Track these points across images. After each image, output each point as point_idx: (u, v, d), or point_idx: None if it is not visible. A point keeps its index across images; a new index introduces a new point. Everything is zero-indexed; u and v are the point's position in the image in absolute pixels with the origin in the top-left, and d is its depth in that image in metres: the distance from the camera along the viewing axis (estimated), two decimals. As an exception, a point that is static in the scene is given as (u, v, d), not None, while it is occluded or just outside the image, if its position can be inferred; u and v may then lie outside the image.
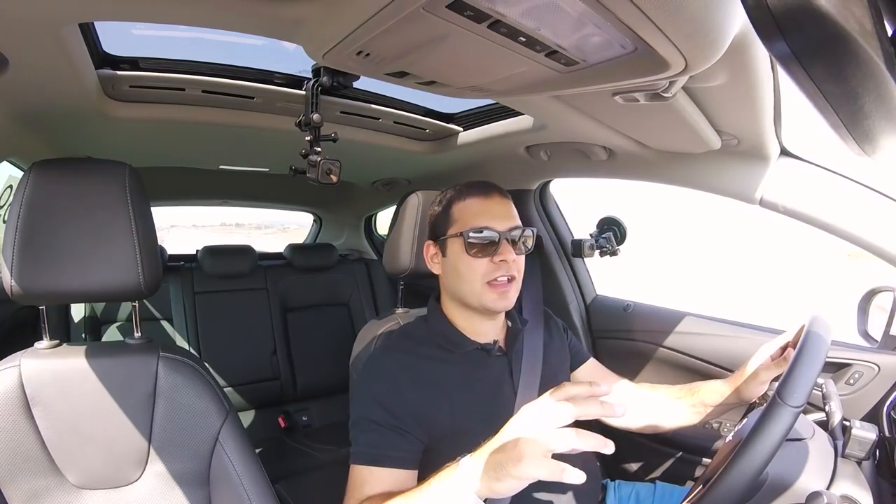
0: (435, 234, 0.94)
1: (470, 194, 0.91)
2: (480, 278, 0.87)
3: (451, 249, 0.90)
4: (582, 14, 0.53)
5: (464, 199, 0.91)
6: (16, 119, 1.04)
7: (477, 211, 0.89)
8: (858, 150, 0.44)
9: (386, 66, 0.73)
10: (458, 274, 0.89)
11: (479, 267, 0.87)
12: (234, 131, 1.29)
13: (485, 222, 0.87)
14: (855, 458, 0.79)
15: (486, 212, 0.89)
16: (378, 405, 0.84)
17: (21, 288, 0.75)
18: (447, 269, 0.92)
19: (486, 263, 0.87)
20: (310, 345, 2.28)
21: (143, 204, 0.83)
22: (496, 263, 0.86)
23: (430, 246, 0.96)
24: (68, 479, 0.80)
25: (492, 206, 0.90)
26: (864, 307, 1.15)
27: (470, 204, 0.90)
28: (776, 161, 1.10)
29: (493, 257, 0.86)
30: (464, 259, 0.88)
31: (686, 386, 1.03)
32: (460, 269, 0.89)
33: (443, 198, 0.95)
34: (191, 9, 0.66)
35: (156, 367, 0.85)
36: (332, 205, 2.67)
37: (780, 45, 0.29)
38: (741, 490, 0.62)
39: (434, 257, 0.95)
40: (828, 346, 0.74)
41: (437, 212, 0.95)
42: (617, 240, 1.44)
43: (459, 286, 0.90)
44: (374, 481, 0.80)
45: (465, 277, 0.88)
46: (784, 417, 0.63)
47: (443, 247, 0.92)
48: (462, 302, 0.92)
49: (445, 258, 0.92)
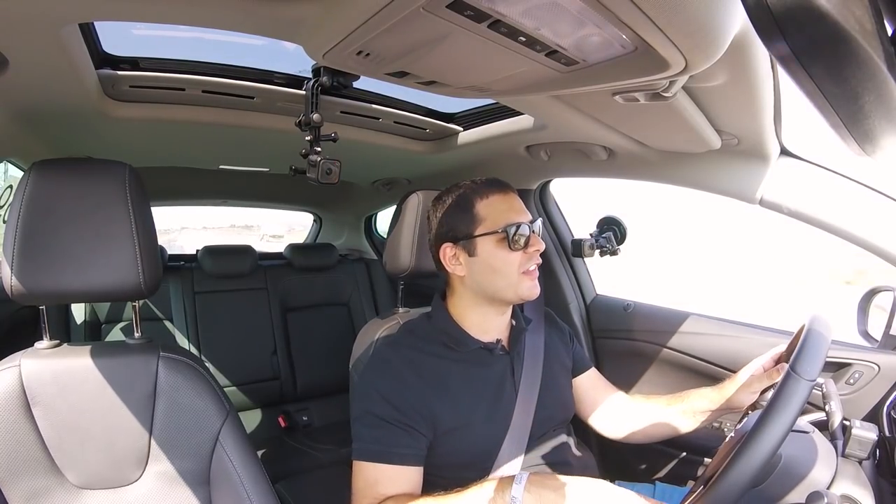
0: (456, 237, 0.91)
1: (491, 192, 0.91)
2: (516, 271, 0.89)
3: (484, 248, 0.89)
4: (582, 14, 0.53)
5: (487, 198, 0.91)
6: (16, 119, 1.04)
7: (504, 207, 0.90)
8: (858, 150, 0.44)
9: (386, 66, 0.73)
10: (493, 270, 0.89)
11: (515, 259, 0.89)
12: (234, 131, 1.29)
13: (515, 218, 0.89)
14: (855, 458, 0.78)
15: (511, 207, 0.91)
16: (383, 400, 0.85)
17: (21, 288, 0.75)
18: (477, 267, 0.90)
19: (519, 256, 0.89)
20: (310, 345, 2.28)
21: (143, 204, 0.83)
22: (529, 254, 0.89)
23: (447, 248, 0.92)
24: (68, 479, 0.80)
25: (513, 201, 0.92)
26: (864, 307, 1.15)
27: (495, 202, 0.91)
28: (776, 161, 1.10)
29: (527, 249, 0.89)
30: (500, 255, 0.88)
31: (677, 394, 1.05)
32: (496, 265, 0.89)
33: (458, 198, 0.92)
34: (191, 9, 0.66)
35: (156, 367, 0.85)
36: (332, 205, 2.67)
37: (780, 45, 0.29)
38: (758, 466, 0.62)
39: (453, 259, 0.92)
40: (831, 336, 0.74)
41: (453, 213, 0.92)
42: (617, 239, 1.44)
43: (495, 282, 0.90)
44: (385, 480, 0.80)
45: (503, 272, 0.89)
46: (800, 390, 0.64)
47: (469, 247, 0.90)
48: (493, 297, 0.92)
49: (474, 258, 0.90)
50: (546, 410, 0.95)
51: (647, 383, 1.48)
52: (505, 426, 0.90)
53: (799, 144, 1.10)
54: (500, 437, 0.89)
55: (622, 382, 1.21)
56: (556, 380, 1.02)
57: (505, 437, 0.89)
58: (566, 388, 1.05)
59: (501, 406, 0.91)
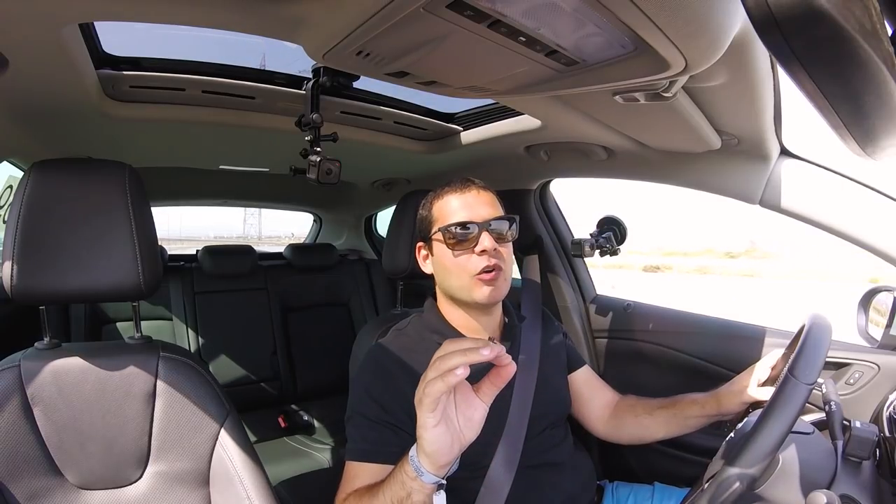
0: (422, 235, 0.96)
1: (448, 192, 0.94)
2: (467, 273, 0.88)
3: (437, 247, 0.92)
4: (582, 14, 0.53)
5: (442, 197, 0.94)
6: (16, 119, 1.04)
7: (455, 206, 0.91)
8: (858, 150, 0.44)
9: (386, 66, 0.73)
10: (445, 271, 0.91)
11: (464, 261, 0.88)
12: (234, 131, 1.29)
13: (463, 216, 0.89)
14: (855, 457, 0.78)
15: (463, 206, 0.91)
16: (371, 401, 0.85)
17: (21, 288, 0.75)
18: (436, 267, 0.95)
19: (470, 257, 0.88)
20: (310, 345, 2.28)
21: (143, 204, 0.83)
22: (479, 255, 0.87)
23: (420, 247, 0.99)
24: (68, 479, 0.80)
25: (469, 199, 0.91)
26: (864, 307, 1.15)
27: (448, 200, 0.92)
28: (776, 161, 1.10)
29: (475, 249, 0.87)
30: (448, 255, 0.89)
31: (670, 398, 1.04)
32: (446, 265, 0.90)
33: (426, 199, 0.97)
34: (191, 9, 0.66)
35: (156, 367, 0.85)
36: (332, 205, 2.67)
37: (781, 45, 0.29)
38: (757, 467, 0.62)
39: (425, 258, 0.98)
40: (831, 335, 0.74)
41: (421, 213, 0.97)
42: (617, 239, 1.44)
43: (449, 282, 0.91)
44: (364, 476, 0.81)
45: (453, 273, 0.89)
46: (799, 393, 0.64)
47: (430, 246, 0.95)
48: (454, 298, 0.93)
49: (434, 257, 0.94)
50: (542, 408, 0.95)
51: (647, 383, 1.48)
52: (500, 425, 0.89)
53: (799, 144, 1.10)
54: (496, 436, 0.89)
55: (622, 382, 1.21)
56: (553, 378, 1.02)
57: (501, 436, 0.89)
58: (562, 386, 1.05)
59: (496, 405, 0.90)
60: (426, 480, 0.63)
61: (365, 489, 0.76)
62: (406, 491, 0.65)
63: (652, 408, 1.04)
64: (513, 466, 0.88)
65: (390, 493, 0.67)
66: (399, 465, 0.67)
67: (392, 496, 0.66)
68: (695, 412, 0.98)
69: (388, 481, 0.68)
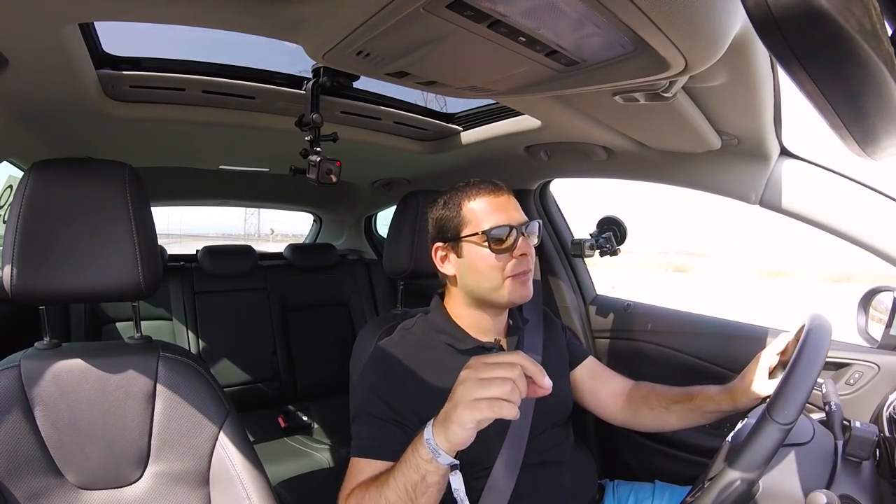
0: (445, 237, 0.94)
1: (480, 194, 0.93)
2: (503, 274, 0.88)
3: (469, 250, 0.91)
4: (582, 14, 0.53)
5: (475, 199, 0.92)
6: (16, 119, 1.04)
7: (491, 209, 0.91)
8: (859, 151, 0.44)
9: (386, 66, 0.73)
10: (478, 272, 0.90)
11: (501, 263, 0.88)
12: (234, 131, 1.29)
13: (502, 219, 0.89)
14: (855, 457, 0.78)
15: (499, 209, 0.90)
16: (378, 399, 0.85)
17: (21, 288, 0.75)
18: (464, 269, 0.93)
19: (506, 259, 0.88)
20: (310, 345, 2.28)
21: (143, 204, 0.83)
22: (517, 258, 0.89)
23: (438, 248, 0.96)
24: (68, 479, 0.80)
25: (503, 203, 0.92)
26: (864, 307, 1.15)
27: (482, 203, 0.92)
28: (776, 161, 1.10)
29: (513, 252, 0.88)
30: (485, 257, 0.89)
31: (685, 389, 1.03)
32: (480, 267, 0.90)
33: (448, 199, 0.95)
34: (191, 9, 0.66)
35: (156, 367, 0.85)
36: (332, 205, 2.67)
37: (781, 45, 0.29)
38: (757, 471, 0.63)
39: (444, 259, 0.95)
40: (825, 353, 0.74)
41: (444, 214, 0.95)
42: (617, 239, 1.44)
43: (481, 284, 0.91)
44: (370, 472, 0.80)
45: (487, 275, 0.89)
46: (772, 434, 0.64)
47: (456, 248, 0.93)
48: (482, 300, 0.92)
49: (461, 259, 0.92)
50: (545, 409, 0.95)
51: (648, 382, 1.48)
52: (504, 425, 0.89)
53: (799, 145, 1.10)
54: (499, 436, 0.89)
55: (622, 382, 1.20)
56: (555, 378, 1.02)
57: (504, 436, 0.89)
58: (564, 385, 1.05)
59: None
60: (442, 461, 0.64)
61: (370, 480, 0.76)
62: (420, 474, 0.65)
63: (668, 401, 1.03)
64: (516, 466, 0.88)
65: (403, 478, 0.67)
66: (411, 449, 0.67)
67: (405, 481, 0.67)
68: (711, 408, 0.97)
69: (400, 467, 0.68)
